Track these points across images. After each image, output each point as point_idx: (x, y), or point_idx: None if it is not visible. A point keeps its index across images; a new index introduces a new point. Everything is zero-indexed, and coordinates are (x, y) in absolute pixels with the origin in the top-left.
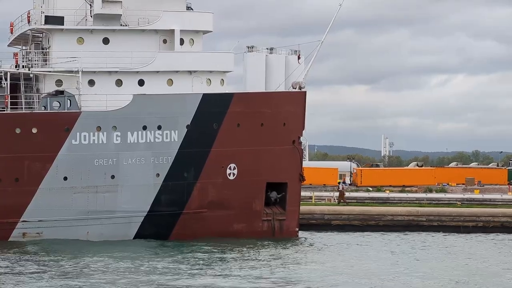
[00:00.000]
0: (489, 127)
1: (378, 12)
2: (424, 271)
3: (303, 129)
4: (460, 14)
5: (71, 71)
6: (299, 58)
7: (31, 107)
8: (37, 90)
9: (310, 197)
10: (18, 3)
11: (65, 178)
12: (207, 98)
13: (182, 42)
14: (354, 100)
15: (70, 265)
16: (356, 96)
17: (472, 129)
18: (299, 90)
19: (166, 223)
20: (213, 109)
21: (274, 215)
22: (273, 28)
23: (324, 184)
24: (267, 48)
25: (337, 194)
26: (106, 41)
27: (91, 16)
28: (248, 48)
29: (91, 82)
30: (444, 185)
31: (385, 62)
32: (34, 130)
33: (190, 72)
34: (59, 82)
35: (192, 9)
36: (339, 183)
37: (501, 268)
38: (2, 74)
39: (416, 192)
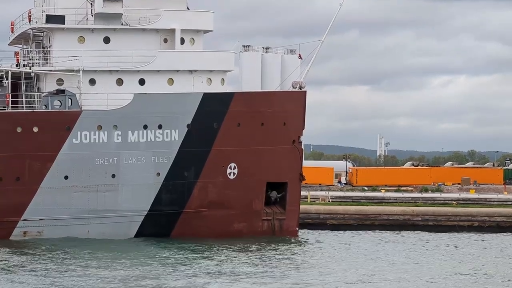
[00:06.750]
0: (485, 127)
1: (385, 14)
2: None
3: (303, 129)
4: (466, 17)
5: (72, 70)
6: (300, 57)
7: (32, 106)
8: (38, 89)
9: (306, 197)
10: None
11: (66, 177)
12: (207, 98)
13: (182, 41)
14: (354, 100)
15: (70, 264)
16: (357, 96)
17: (468, 129)
18: (299, 90)
19: (166, 222)
20: (214, 109)
21: (274, 215)
22: (278, 30)
23: (320, 184)
24: (263, 47)
25: (332, 193)
26: (107, 40)
27: (92, 15)
28: (244, 47)
29: (92, 81)
30: (439, 184)
31: (389, 63)
32: (35, 129)
33: (190, 71)
34: (60, 81)
35: (189, 9)
36: None
37: None
38: (3, 73)
39: (411, 191)
